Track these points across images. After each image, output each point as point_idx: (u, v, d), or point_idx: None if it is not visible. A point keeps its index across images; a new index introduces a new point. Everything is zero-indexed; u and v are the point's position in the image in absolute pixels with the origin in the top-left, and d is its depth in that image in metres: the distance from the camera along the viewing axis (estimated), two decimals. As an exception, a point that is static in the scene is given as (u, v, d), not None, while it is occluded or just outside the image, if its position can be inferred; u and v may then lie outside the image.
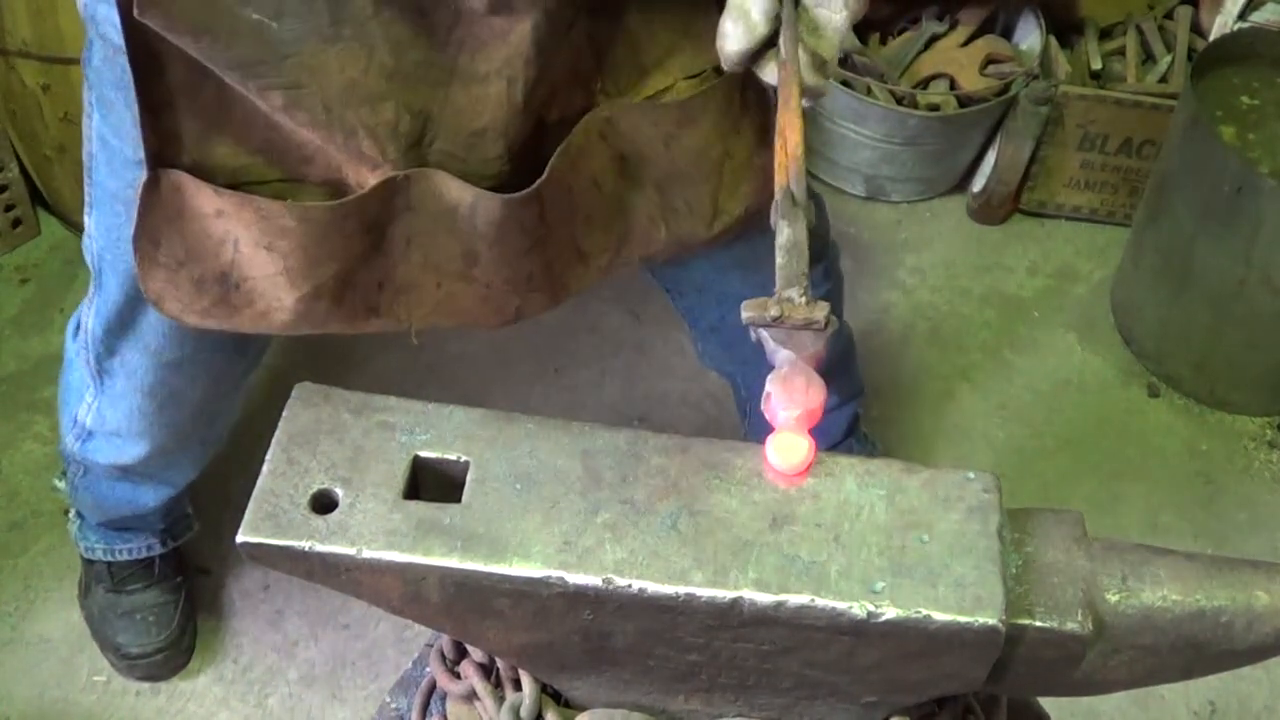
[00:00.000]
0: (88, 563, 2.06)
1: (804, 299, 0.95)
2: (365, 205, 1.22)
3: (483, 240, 1.27)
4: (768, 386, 0.95)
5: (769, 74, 1.16)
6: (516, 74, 1.20)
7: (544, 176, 1.25)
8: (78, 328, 1.62)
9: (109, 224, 1.41)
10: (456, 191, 1.23)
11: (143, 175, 1.20)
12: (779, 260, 0.98)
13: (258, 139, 1.21)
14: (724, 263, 1.59)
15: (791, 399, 0.93)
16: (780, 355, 0.96)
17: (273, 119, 1.19)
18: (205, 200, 1.21)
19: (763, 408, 0.96)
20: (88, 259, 1.50)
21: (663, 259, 1.45)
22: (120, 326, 1.52)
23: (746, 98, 1.38)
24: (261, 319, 1.28)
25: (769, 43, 1.15)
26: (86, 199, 1.43)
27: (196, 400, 1.62)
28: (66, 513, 2.07)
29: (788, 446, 0.95)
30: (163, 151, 1.20)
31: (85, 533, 2.01)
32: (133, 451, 1.70)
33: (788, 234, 0.98)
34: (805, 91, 1.13)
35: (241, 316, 1.29)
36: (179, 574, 2.07)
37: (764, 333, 0.96)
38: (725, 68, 1.18)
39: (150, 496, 1.87)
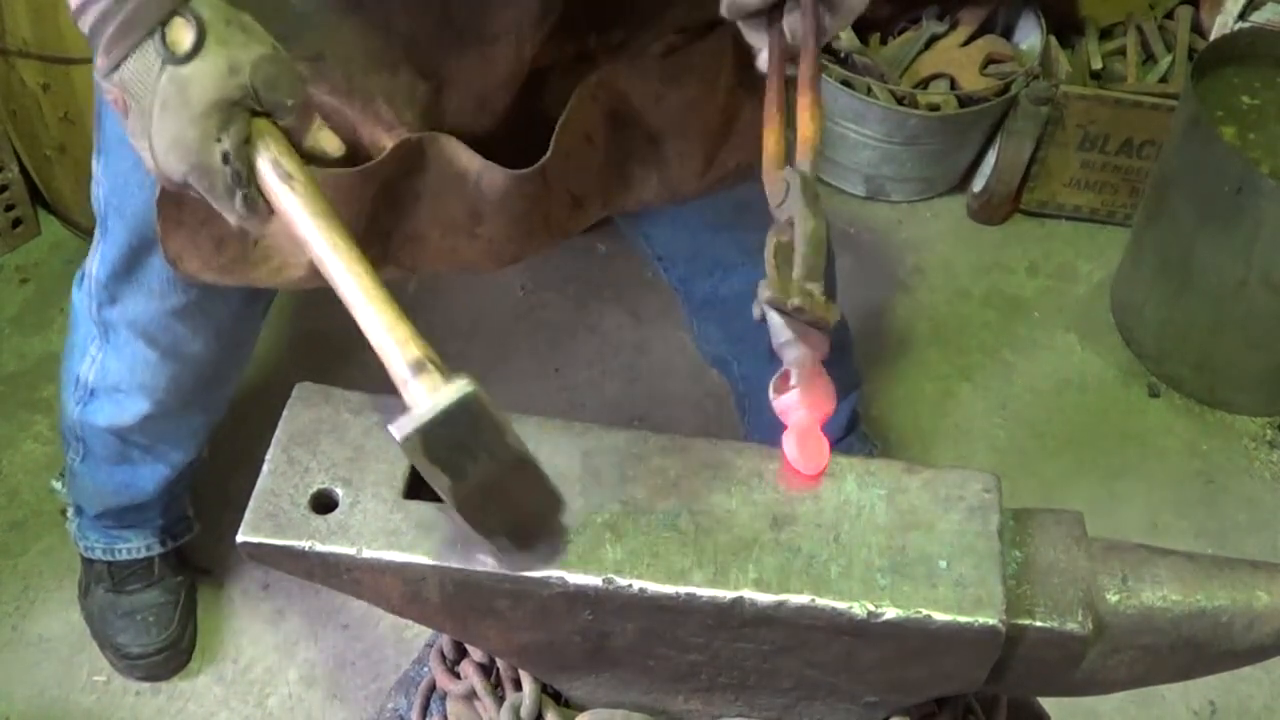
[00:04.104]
0: (87, 562, 2.06)
1: (823, 295, 0.95)
2: (383, 168, 1.25)
3: (487, 204, 1.30)
4: (792, 389, 0.94)
5: (755, 35, 1.13)
6: (525, 32, 1.22)
7: (549, 153, 1.28)
8: (83, 278, 1.62)
9: (117, 169, 1.42)
10: (465, 159, 1.26)
11: None
12: (802, 250, 0.96)
13: None
14: (716, 222, 1.59)
15: (815, 402, 0.93)
16: (796, 352, 0.95)
17: None
18: None
19: (778, 408, 0.95)
20: (94, 205, 1.50)
21: (656, 205, 1.47)
22: (125, 271, 1.52)
23: (737, 54, 1.37)
24: (277, 274, 1.31)
25: (776, 4, 1.12)
26: (96, 144, 1.44)
27: (199, 353, 1.61)
28: (64, 513, 2.07)
29: (812, 448, 0.95)
30: None
31: (85, 531, 2.01)
32: (134, 408, 1.69)
33: (811, 225, 0.96)
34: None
35: (258, 272, 1.31)
36: (179, 574, 2.07)
37: (776, 319, 0.95)
38: (726, 14, 1.14)
39: (148, 479, 1.86)
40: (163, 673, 2.04)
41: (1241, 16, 2.68)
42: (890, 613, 0.89)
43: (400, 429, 0.84)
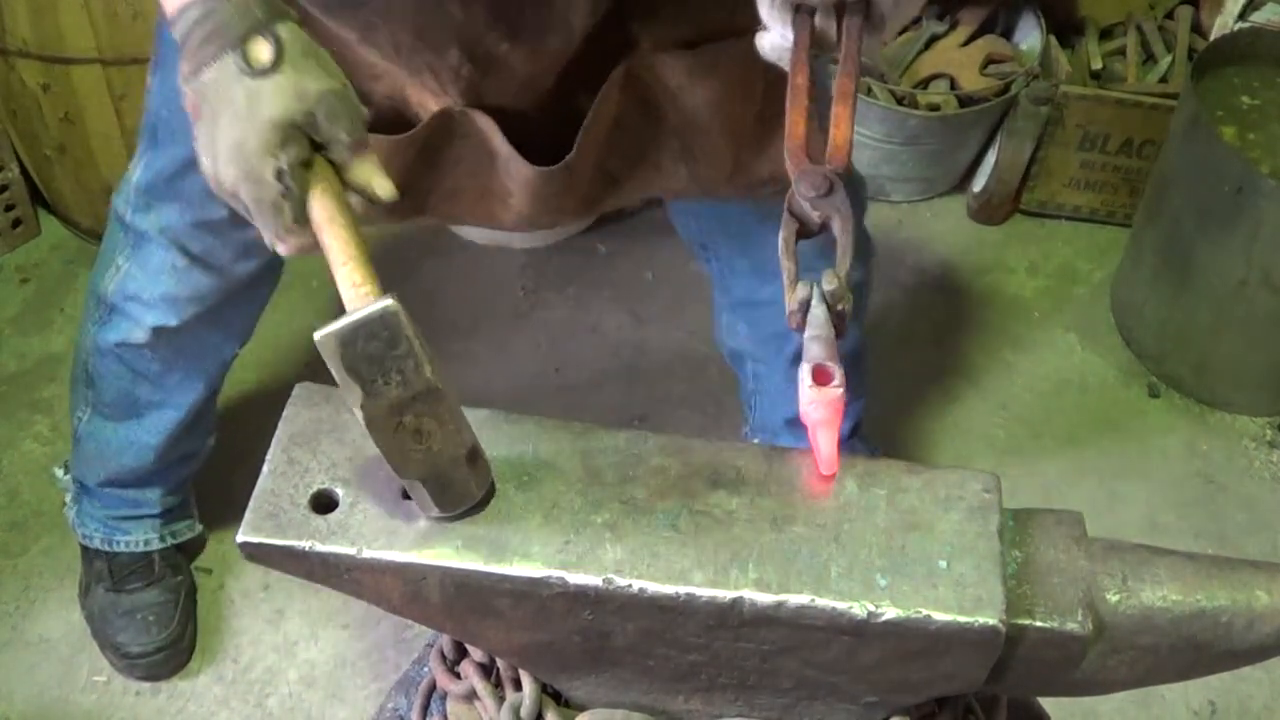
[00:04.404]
0: (87, 560, 2.06)
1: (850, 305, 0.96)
2: (424, 134, 1.31)
3: (514, 184, 1.34)
4: (835, 388, 0.93)
5: (775, 14, 1.09)
6: (574, 25, 1.25)
7: (573, 152, 1.30)
8: (122, 186, 1.64)
9: (173, 84, 1.47)
10: (497, 143, 1.31)
11: None
12: (850, 255, 0.98)
13: (333, 56, 1.26)
14: (762, 224, 1.59)
15: (841, 405, 0.93)
16: (826, 350, 0.94)
17: (347, 42, 1.27)
18: None
19: (815, 400, 0.93)
20: (145, 115, 1.54)
21: (689, 196, 1.50)
22: (165, 182, 1.55)
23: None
24: None
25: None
26: (153, 58, 1.48)
27: (226, 264, 1.63)
28: (65, 502, 2.06)
29: (834, 448, 0.95)
30: None
31: (84, 518, 2.01)
32: (150, 319, 1.69)
33: (853, 236, 0.98)
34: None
35: None
36: (179, 574, 2.08)
37: (822, 314, 0.95)
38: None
39: (153, 430, 1.86)
40: (163, 672, 2.04)
41: (1241, 16, 2.68)
42: (890, 613, 0.89)
43: (320, 331, 0.87)
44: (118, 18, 2.17)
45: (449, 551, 0.92)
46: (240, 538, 0.93)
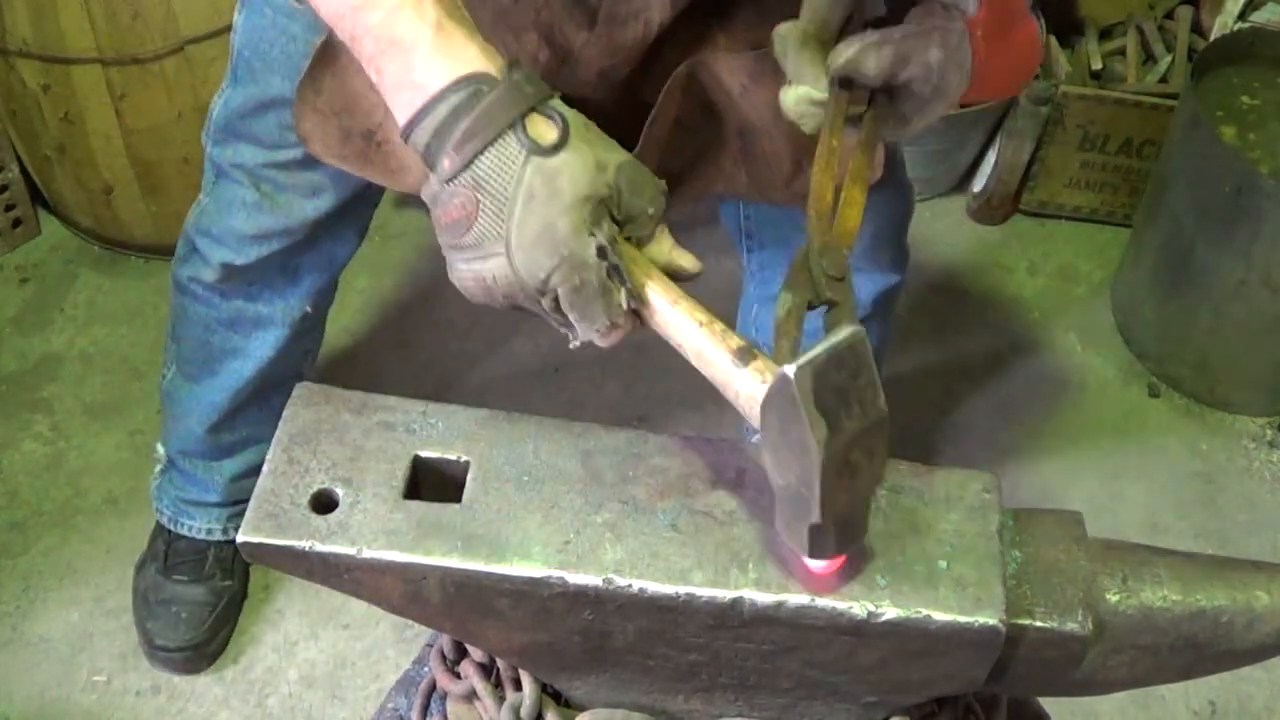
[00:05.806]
0: (153, 537, 2.09)
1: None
2: None
3: None
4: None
5: (810, 76, 1.11)
6: (654, 16, 1.23)
7: (638, 146, 1.27)
8: (206, 119, 1.67)
9: (254, 24, 1.50)
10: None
11: (323, 34, 1.27)
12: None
13: None
14: None
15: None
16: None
17: None
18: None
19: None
20: (230, 52, 1.57)
21: (748, 201, 1.49)
22: (240, 119, 1.58)
23: None
24: (392, 176, 1.35)
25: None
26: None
27: (292, 204, 1.64)
28: (152, 476, 2.07)
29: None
30: None
31: (161, 493, 2.04)
32: (219, 254, 1.71)
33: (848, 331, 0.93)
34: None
35: (374, 168, 1.35)
36: (229, 578, 2.08)
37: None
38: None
39: (221, 390, 1.86)
40: (180, 670, 2.05)
41: (1241, 16, 2.68)
42: (890, 613, 0.89)
43: (791, 365, 0.80)
44: (118, 18, 2.17)
45: (449, 551, 0.91)
46: (240, 537, 0.93)
